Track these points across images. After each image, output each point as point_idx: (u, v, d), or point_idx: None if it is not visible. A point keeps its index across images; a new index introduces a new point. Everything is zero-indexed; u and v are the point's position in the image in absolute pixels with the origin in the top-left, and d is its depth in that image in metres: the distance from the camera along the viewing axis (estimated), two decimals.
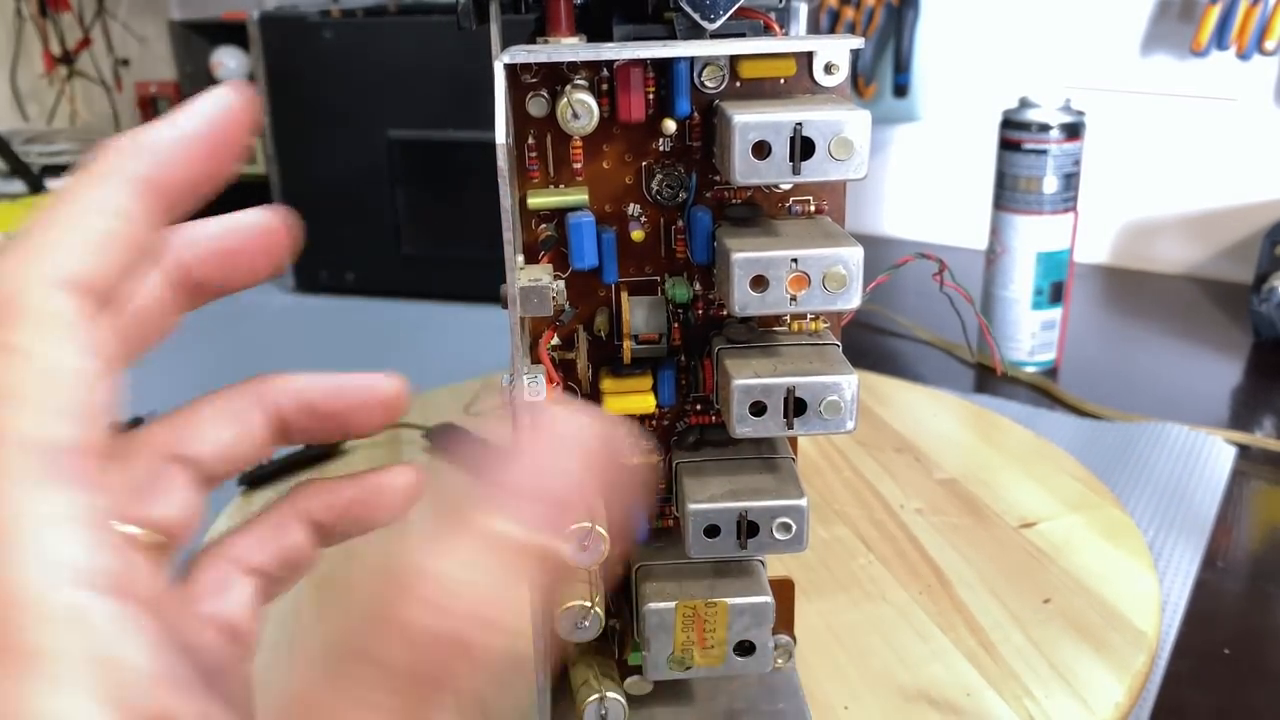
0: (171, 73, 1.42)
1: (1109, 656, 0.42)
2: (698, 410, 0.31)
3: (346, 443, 0.59)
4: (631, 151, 0.29)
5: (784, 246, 0.26)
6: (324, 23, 0.91)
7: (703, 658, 0.30)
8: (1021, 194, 0.73)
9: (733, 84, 0.28)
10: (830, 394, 0.27)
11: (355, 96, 0.92)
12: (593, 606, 0.29)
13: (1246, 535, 0.55)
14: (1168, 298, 0.94)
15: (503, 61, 0.25)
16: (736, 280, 0.26)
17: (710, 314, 0.30)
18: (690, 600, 0.29)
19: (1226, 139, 0.95)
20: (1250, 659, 0.46)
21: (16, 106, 1.59)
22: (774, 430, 0.27)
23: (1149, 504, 0.56)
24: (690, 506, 0.28)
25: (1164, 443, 0.62)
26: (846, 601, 0.46)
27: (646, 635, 0.29)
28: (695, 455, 0.30)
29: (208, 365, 0.85)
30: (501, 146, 0.25)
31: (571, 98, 0.26)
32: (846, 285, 0.26)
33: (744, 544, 0.28)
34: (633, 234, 0.29)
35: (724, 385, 0.28)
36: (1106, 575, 0.47)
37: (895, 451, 0.59)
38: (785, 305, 0.26)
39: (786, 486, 0.29)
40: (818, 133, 0.25)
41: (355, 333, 0.91)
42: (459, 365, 0.70)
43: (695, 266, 0.30)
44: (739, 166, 0.26)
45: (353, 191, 0.95)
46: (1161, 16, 0.95)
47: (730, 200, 0.30)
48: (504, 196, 0.25)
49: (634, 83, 0.27)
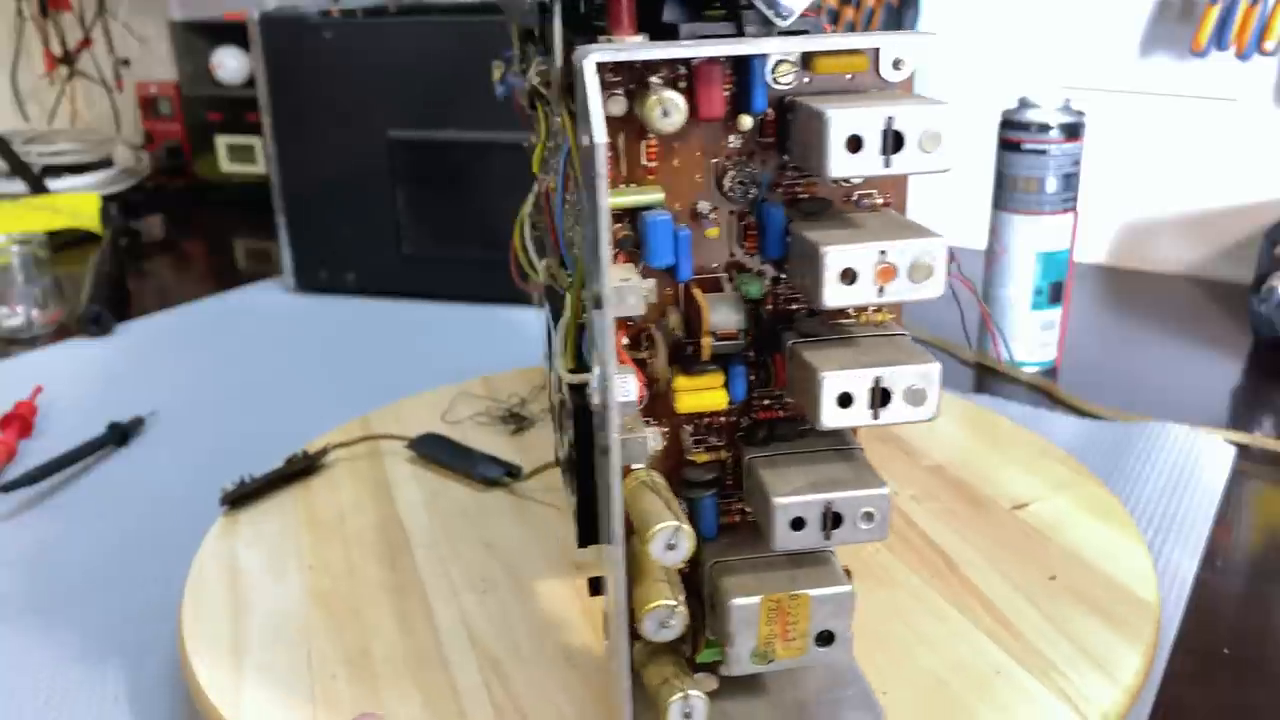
0: (172, 73, 1.42)
1: (1120, 627, 0.43)
2: (765, 405, 0.31)
3: (327, 456, 0.58)
4: (704, 149, 0.29)
5: (870, 239, 0.27)
6: (324, 23, 0.91)
7: (785, 650, 0.30)
8: (1021, 194, 0.73)
9: (803, 80, 0.28)
10: (915, 382, 0.27)
11: (355, 96, 0.92)
12: (677, 605, 0.29)
13: (1246, 535, 0.55)
14: (1167, 298, 0.94)
15: (593, 60, 0.25)
16: (827, 273, 0.26)
17: (779, 309, 0.30)
18: (774, 594, 0.29)
19: (1226, 139, 0.95)
20: (1250, 659, 0.46)
21: (17, 106, 1.59)
22: (860, 420, 0.27)
23: (1149, 504, 0.56)
24: (776, 501, 0.28)
25: (1163, 442, 0.62)
26: (860, 589, 0.46)
27: (730, 630, 0.29)
28: (766, 450, 0.30)
29: (208, 365, 0.85)
30: (600, 146, 0.24)
31: (662, 95, 0.26)
32: (931, 274, 0.27)
33: (828, 535, 0.29)
34: (707, 231, 0.29)
35: (807, 378, 0.28)
36: (1101, 550, 0.48)
37: (880, 442, 0.59)
38: (873, 296, 0.27)
39: (865, 476, 0.29)
40: (908, 126, 0.26)
41: (355, 333, 0.91)
42: (459, 365, 0.70)
43: (765, 262, 0.30)
44: (833, 160, 0.26)
45: (353, 191, 0.95)
46: (1161, 17, 0.95)
47: (799, 195, 0.30)
48: (600, 197, 0.25)
49: (716, 80, 0.28)
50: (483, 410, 0.64)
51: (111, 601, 0.52)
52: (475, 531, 0.52)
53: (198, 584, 0.48)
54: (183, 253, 1.25)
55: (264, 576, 0.48)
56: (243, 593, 0.47)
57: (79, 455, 0.66)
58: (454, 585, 0.47)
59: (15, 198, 1.28)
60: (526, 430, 0.62)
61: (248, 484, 0.55)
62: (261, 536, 0.52)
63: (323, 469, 0.58)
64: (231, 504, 0.54)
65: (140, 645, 0.48)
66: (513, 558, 0.49)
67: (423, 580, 0.48)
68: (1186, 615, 0.48)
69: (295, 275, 1.00)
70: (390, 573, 0.49)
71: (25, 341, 0.92)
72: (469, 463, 0.57)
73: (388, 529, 0.52)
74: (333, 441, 0.60)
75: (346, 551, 0.50)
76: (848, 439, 0.31)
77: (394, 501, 0.55)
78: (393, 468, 0.58)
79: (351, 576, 0.48)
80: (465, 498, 0.55)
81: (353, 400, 0.69)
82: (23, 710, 0.44)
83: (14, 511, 0.62)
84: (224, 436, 0.70)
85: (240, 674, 0.42)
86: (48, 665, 0.47)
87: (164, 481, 0.64)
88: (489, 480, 0.56)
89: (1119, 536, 0.50)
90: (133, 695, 0.45)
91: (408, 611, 0.45)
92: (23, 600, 0.53)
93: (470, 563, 0.49)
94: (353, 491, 0.56)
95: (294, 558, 0.50)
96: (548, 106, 0.45)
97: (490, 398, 0.66)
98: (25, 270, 0.94)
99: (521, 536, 0.51)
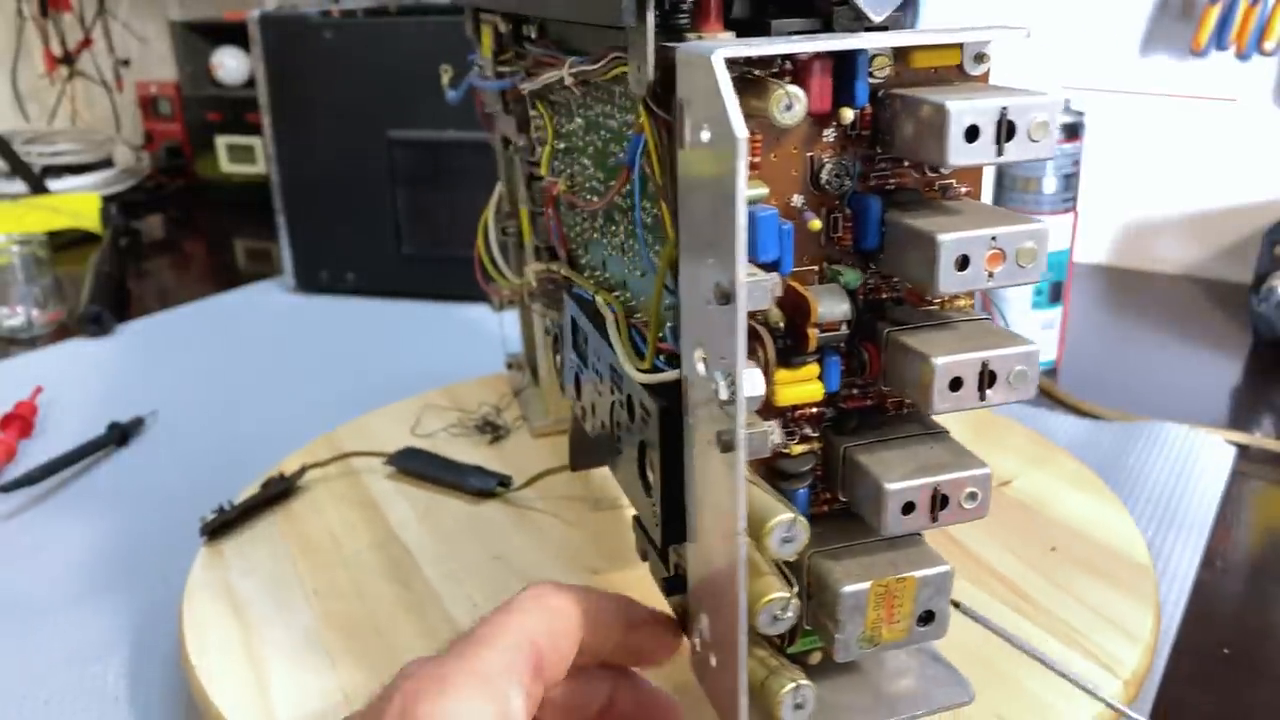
0: (172, 73, 1.42)
1: (1126, 591, 0.45)
2: (852, 394, 0.32)
3: (304, 477, 0.55)
4: (801, 143, 0.29)
5: (979, 226, 0.27)
6: (324, 23, 0.91)
7: (889, 633, 0.30)
8: (1021, 194, 0.73)
9: (895, 74, 0.29)
10: (1020, 364, 0.28)
11: (355, 96, 0.92)
12: (790, 597, 0.29)
13: (1246, 535, 0.55)
14: (1167, 298, 0.94)
15: (720, 56, 0.25)
16: (943, 260, 0.27)
17: (869, 299, 0.31)
18: (883, 578, 0.30)
19: (1226, 139, 0.95)
20: (1250, 659, 0.46)
21: (17, 106, 1.59)
22: (968, 404, 0.28)
23: (1148, 504, 0.56)
24: (889, 487, 0.29)
25: (1163, 442, 0.62)
26: None
27: (841, 618, 0.30)
28: (858, 439, 0.31)
29: (208, 365, 0.85)
30: (743, 141, 0.24)
31: (787, 89, 0.26)
32: (1035, 260, 0.27)
33: (935, 517, 0.29)
34: (810, 224, 0.30)
35: (912, 365, 0.28)
36: (1088, 520, 0.50)
37: None
38: (983, 281, 0.27)
39: (964, 458, 0.30)
40: (1019, 116, 0.27)
41: (355, 333, 0.91)
42: (459, 365, 0.70)
43: (856, 252, 0.30)
44: (953, 149, 0.27)
45: (353, 191, 0.95)
46: (1161, 16, 0.95)
47: (887, 186, 0.30)
48: (740, 191, 0.25)
49: (827, 74, 0.28)
50: (454, 421, 0.62)
51: (111, 601, 0.52)
52: (480, 544, 0.50)
53: (198, 620, 0.45)
54: (183, 253, 1.25)
55: (268, 606, 0.46)
56: (251, 624, 0.45)
57: (79, 455, 0.66)
58: (473, 599, 0.46)
59: (15, 198, 1.28)
60: (504, 439, 0.61)
61: (228, 512, 0.52)
62: (254, 565, 0.49)
63: (300, 491, 0.56)
64: (211, 534, 0.51)
65: (140, 645, 0.48)
66: (526, 568, 0.48)
67: (440, 596, 0.46)
68: (1186, 615, 0.48)
69: (295, 275, 1.00)
70: (404, 591, 0.47)
71: (25, 341, 0.92)
72: (457, 475, 0.55)
73: (387, 548, 0.50)
74: (302, 461, 0.56)
75: (350, 574, 0.48)
76: (931, 423, 0.32)
77: (386, 520, 0.53)
78: (373, 485, 0.56)
79: (363, 599, 0.46)
80: (460, 511, 0.53)
81: (353, 400, 0.69)
82: (23, 710, 0.44)
83: (14, 511, 0.62)
84: (224, 436, 0.70)
85: (269, 705, 0.40)
86: (48, 665, 0.47)
87: (164, 481, 0.65)
88: (482, 492, 0.54)
89: (1101, 505, 0.52)
90: (133, 695, 0.45)
91: (433, 628, 0.44)
92: (23, 600, 0.53)
93: (484, 576, 0.48)
94: (338, 512, 0.54)
95: (295, 584, 0.48)
96: (552, 107, 0.45)
97: (457, 408, 0.64)
98: (25, 270, 0.94)
99: (528, 546, 0.50)
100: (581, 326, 0.41)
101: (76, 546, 0.58)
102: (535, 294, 0.54)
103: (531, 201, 0.53)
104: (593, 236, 0.42)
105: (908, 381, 0.29)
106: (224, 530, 0.52)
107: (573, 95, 0.41)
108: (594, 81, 0.37)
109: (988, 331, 0.30)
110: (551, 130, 0.45)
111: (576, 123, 0.42)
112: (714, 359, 0.27)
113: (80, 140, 1.43)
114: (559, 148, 0.45)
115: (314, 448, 0.60)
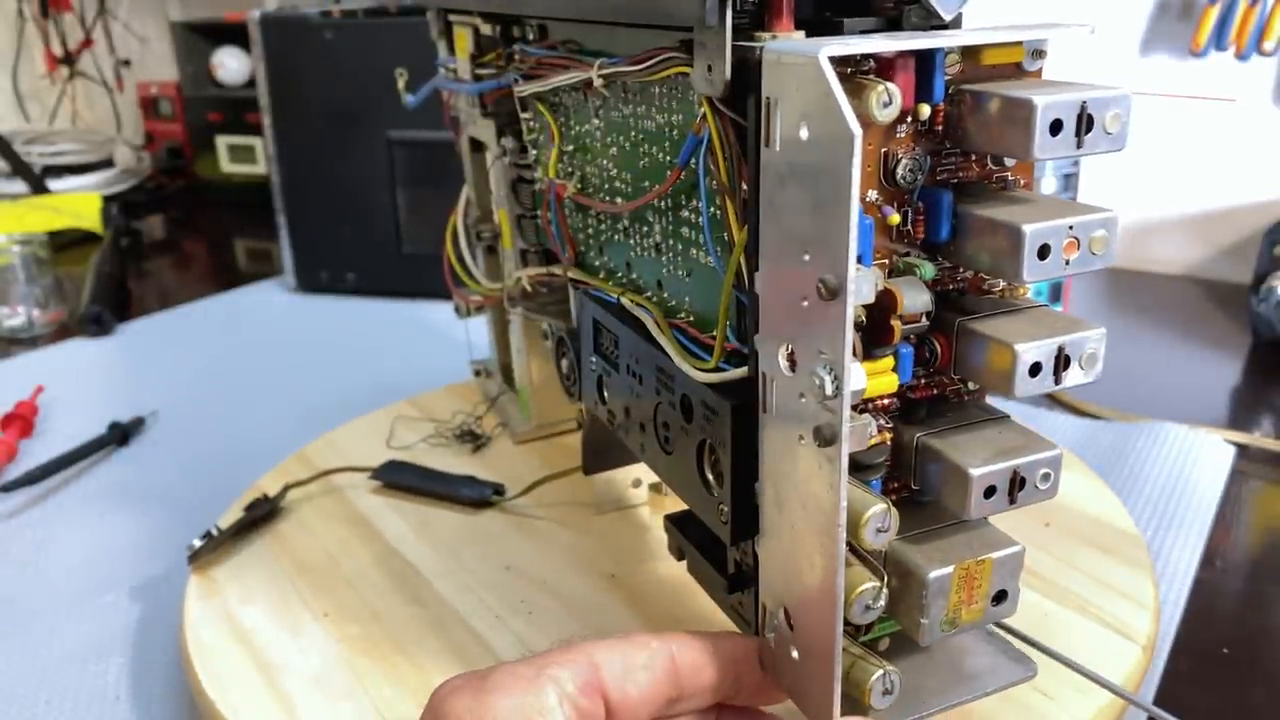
0: (172, 73, 1.42)
1: (1124, 560, 0.46)
2: (921, 384, 0.32)
3: (287, 497, 0.53)
4: (878, 139, 0.30)
5: (1057, 216, 0.28)
6: (324, 23, 0.91)
7: (968, 614, 0.31)
8: None
9: (961, 71, 0.30)
10: (1090, 346, 0.29)
11: (355, 96, 0.92)
12: (881, 586, 0.29)
13: (1245, 535, 0.55)
14: (1167, 298, 0.94)
15: (825, 54, 0.26)
16: (1027, 249, 0.28)
17: (941, 290, 0.31)
18: (963, 561, 0.30)
19: (1226, 139, 0.95)
20: (1249, 658, 0.46)
21: (18, 107, 1.59)
22: (1044, 388, 0.29)
23: (1148, 503, 0.56)
24: (973, 472, 0.29)
25: (1163, 442, 0.62)
26: None
27: (926, 602, 0.30)
28: (929, 427, 0.32)
29: (208, 365, 0.85)
30: (859, 138, 0.25)
31: (887, 85, 0.27)
32: (1107, 247, 0.28)
33: (1013, 499, 0.30)
34: (889, 219, 0.30)
35: (993, 352, 0.29)
36: (1074, 494, 0.51)
37: None
38: (1060, 269, 0.28)
39: (1035, 441, 0.31)
40: (1097, 110, 0.28)
41: (355, 333, 0.91)
42: (458, 365, 0.70)
43: (929, 244, 0.31)
44: (1038, 142, 0.27)
45: (353, 191, 0.95)
46: (1161, 17, 0.95)
47: (954, 180, 0.31)
48: (854, 188, 0.25)
49: (911, 72, 0.29)
50: (431, 432, 0.61)
51: (111, 601, 0.52)
52: (487, 555, 0.49)
53: (205, 655, 0.43)
54: (183, 253, 1.25)
55: (279, 633, 0.44)
56: (262, 654, 0.42)
57: (79, 455, 0.66)
58: (494, 611, 0.44)
59: (16, 198, 1.28)
60: (485, 446, 0.59)
61: (216, 538, 0.49)
62: (252, 591, 0.47)
63: (284, 512, 0.53)
64: (199, 560, 0.49)
65: (140, 645, 0.49)
66: (541, 576, 0.47)
67: (458, 610, 0.45)
68: (1186, 615, 0.48)
69: (295, 275, 1.00)
70: (419, 608, 0.45)
71: (26, 341, 0.92)
72: (449, 486, 0.53)
73: (390, 564, 0.48)
74: (278, 480, 0.54)
75: (357, 594, 0.46)
76: (993, 410, 0.33)
77: (381, 536, 0.51)
78: (359, 501, 0.54)
79: (377, 619, 0.44)
80: (457, 522, 0.52)
81: (353, 400, 0.69)
82: (23, 710, 0.44)
83: (14, 511, 0.62)
84: (224, 436, 0.70)
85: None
86: (48, 665, 0.47)
87: (164, 481, 0.65)
88: (477, 502, 0.53)
89: (1081, 479, 0.53)
90: (133, 695, 0.45)
91: (460, 643, 0.42)
92: (23, 600, 0.53)
93: (499, 587, 0.46)
94: (329, 531, 0.52)
95: (302, 608, 0.45)
96: (553, 109, 0.45)
97: (428, 418, 0.62)
98: (26, 270, 0.94)
99: (537, 554, 0.49)
100: (609, 329, 0.41)
101: (76, 546, 0.58)
102: (518, 298, 0.53)
103: (519, 204, 0.52)
104: (613, 238, 0.42)
105: (984, 369, 0.30)
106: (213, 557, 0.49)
107: (587, 97, 0.41)
108: (623, 83, 0.37)
109: (1054, 317, 0.30)
110: (558, 132, 0.45)
111: (593, 124, 0.41)
112: (808, 355, 0.28)
113: (81, 140, 1.43)
114: (565, 149, 0.45)
115: (288, 466, 0.58)
